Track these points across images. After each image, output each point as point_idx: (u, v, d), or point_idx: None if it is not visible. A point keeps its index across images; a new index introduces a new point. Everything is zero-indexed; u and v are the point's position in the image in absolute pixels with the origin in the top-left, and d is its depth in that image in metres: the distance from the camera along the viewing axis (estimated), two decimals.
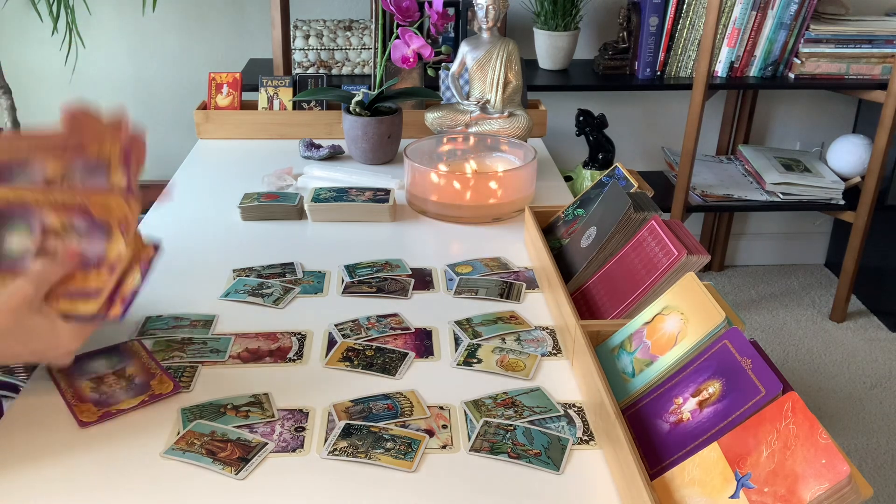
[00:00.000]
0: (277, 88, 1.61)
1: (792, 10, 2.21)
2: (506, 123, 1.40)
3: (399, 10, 1.33)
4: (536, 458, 0.73)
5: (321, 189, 1.27)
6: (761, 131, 2.69)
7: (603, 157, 2.32)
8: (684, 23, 2.26)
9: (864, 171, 2.35)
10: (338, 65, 2.25)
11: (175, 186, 0.76)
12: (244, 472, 0.71)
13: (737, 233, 2.83)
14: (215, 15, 2.41)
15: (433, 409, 0.80)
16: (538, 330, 0.95)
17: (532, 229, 1.10)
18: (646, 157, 2.68)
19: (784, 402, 0.61)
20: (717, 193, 2.37)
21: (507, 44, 1.40)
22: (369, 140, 1.43)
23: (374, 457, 0.73)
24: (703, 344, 0.73)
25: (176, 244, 1.16)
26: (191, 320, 0.95)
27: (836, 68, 2.27)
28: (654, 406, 0.72)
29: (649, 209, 0.95)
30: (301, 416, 0.79)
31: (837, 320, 2.52)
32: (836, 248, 2.81)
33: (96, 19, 2.38)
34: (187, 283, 1.05)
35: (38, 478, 0.70)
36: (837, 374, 2.25)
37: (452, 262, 1.11)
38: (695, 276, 0.79)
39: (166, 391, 0.81)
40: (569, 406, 0.81)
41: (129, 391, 0.81)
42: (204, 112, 1.59)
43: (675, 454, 0.67)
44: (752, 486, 0.59)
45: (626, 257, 0.93)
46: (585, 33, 2.46)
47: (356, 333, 0.93)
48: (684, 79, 2.31)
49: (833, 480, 0.54)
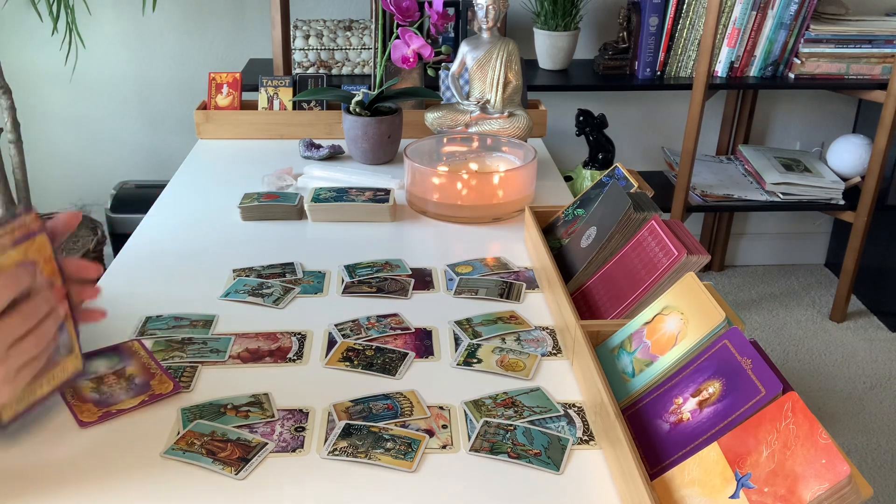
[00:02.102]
0: (277, 88, 1.61)
1: (792, 10, 2.21)
2: (506, 123, 1.40)
3: (399, 10, 1.33)
4: (536, 458, 0.73)
5: (321, 189, 1.27)
6: (761, 131, 2.69)
7: (603, 157, 2.32)
8: (684, 23, 2.26)
9: (864, 171, 2.35)
10: (338, 65, 2.25)
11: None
12: (244, 472, 0.71)
13: (737, 233, 2.83)
14: (215, 15, 2.41)
15: (433, 409, 0.80)
16: (538, 330, 0.95)
17: (532, 229, 1.10)
18: (646, 157, 2.68)
19: (784, 402, 0.61)
20: (717, 193, 2.37)
21: (507, 44, 1.40)
22: (369, 140, 1.43)
23: (374, 457, 0.73)
24: (703, 344, 0.73)
25: (176, 244, 1.16)
26: (191, 320, 0.95)
27: (836, 68, 2.27)
28: (654, 406, 0.72)
29: (649, 209, 0.95)
30: (301, 416, 0.79)
31: (837, 320, 2.52)
32: (836, 248, 2.81)
33: (96, 19, 2.38)
34: (187, 283, 1.05)
35: (39, 478, 0.70)
36: (837, 374, 2.25)
37: (452, 262, 1.11)
38: (695, 276, 0.79)
39: (166, 391, 0.81)
40: (569, 406, 0.81)
41: (130, 391, 0.81)
42: (204, 112, 1.59)
43: (675, 454, 0.67)
44: (752, 486, 0.59)
45: (626, 257, 0.93)
46: (585, 33, 2.46)
47: (356, 333, 0.93)
48: (684, 79, 2.31)
49: (833, 480, 0.54)
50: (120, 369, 0.84)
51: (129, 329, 0.93)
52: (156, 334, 0.92)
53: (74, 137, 2.54)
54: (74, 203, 2.57)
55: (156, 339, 0.91)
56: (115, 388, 0.82)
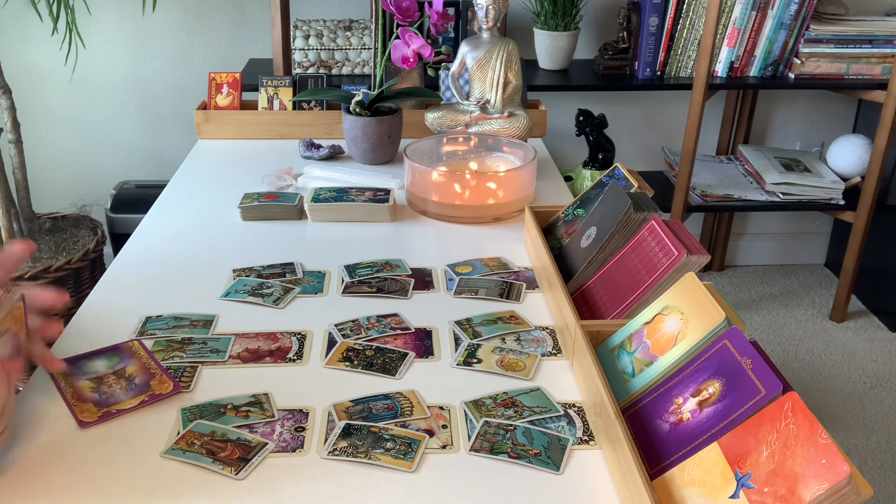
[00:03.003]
0: (277, 88, 1.61)
1: (792, 10, 2.21)
2: (506, 123, 1.40)
3: (399, 10, 1.33)
4: (536, 458, 0.73)
5: (321, 189, 1.27)
6: (761, 131, 2.69)
7: (603, 157, 2.32)
8: (684, 23, 2.26)
9: (864, 171, 2.35)
10: (338, 65, 2.25)
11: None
12: (244, 472, 0.71)
13: (737, 233, 2.83)
14: (215, 15, 2.41)
15: (433, 409, 0.80)
16: (538, 330, 0.95)
17: (532, 229, 1.10)
18: (646, 157, 2.68)
19: (784, 402, 0.61)
20: (717, 193, 2.37)
21: (507, 44, 1.40)
22: (369, 140, 1.43)
23: (374, 457, 0.73)
24: (703, 344, 0.73)
25: (176, 244, 1.16)
26: (191, 320, 0.95)
27: (836, 68, 2.27)
28: (654, 406, 0.72)
29: (649, 209, 0.95)
30: (301, 416, 0.79)
31: (837, 320, 2.52)
32: (836, 248, 2.81)
33: (96, 19, 2.38)
34: (187, 283, 1.05)
35: (39, 478, 0.70)
36: (837, 374, 2.25)
37: (452, 262, 1.11)
38: (695, 276, 0.79)
39: (166, 391, 0.81)
40: (569, 406, 0.81)
41: (130, 391, 0.81)
42: (204, 112, 1.59)
43: (675, 454, 0.67)
44: (752, 486, 0.59)
45: (626, 257, 0.93)
46: (585, 33, 2.46)
47: (356, 333, 0.93)
48: (684, 79, 2.31)
49: (833, 480, 0.54)
50: (120, 369, 0.84)
51: (129, 329, 0.93)
52: (156, 334, 0.92)
53: (74, 137, 2.54)
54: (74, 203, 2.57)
55: (156, 339, 0.91)
56: (114, 388, 0.82)
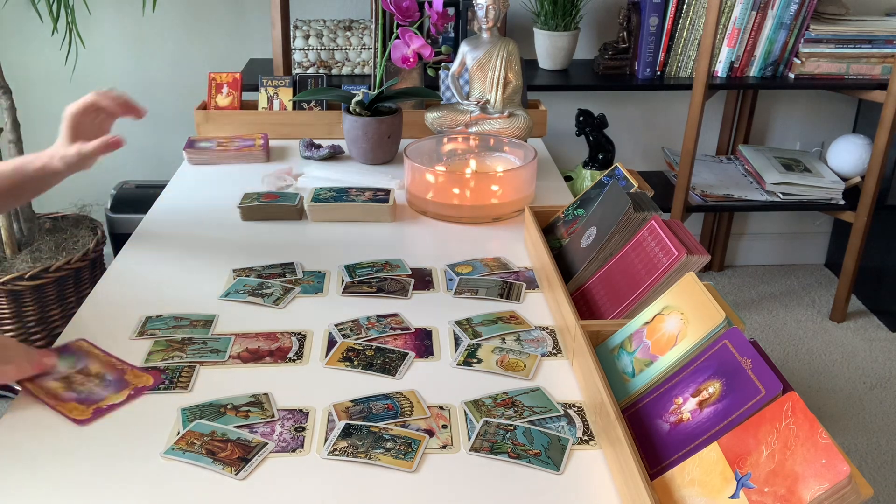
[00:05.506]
0: (277, 88, 1.61)
1: (792, 10, 2.21)
2: (506, 123, 1.40)
3: (399, 10, 1.33)
4: (536, 458, 0.73)
5: (321, 189, 1.27)
6: (761, 131, 2.69)
7: (603, 157, 2.32)
8: (684, 23, 2.26)
9: (864, 171, 2.35)
10: (338, 65, 2.24)
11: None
12: (244, 472, 0.71)
13: (737, 233, 2.83)
14: (215, 15, 2.41)
15: (433, 409, 0.80)
16: (538, 330, 0.95)
17: (532, 229, 1.10)
18: (646, 157, 2.68)
19: (784, 402, 0.61)
20: (717, 193, 2.37)
21: (507, 44, 1.40)
22: (369, 140, 1.43)
23: (374, 457, 0.73)
24: (703, 344, 0.73)
25: (176, 244, 1.16)
26: (191, 320, 0.95)
27: (836, 68, 2.27)
28: (654, 406, 0.72)
29: (649, 209, 0.95)
30: (301, 416, 0.79)
31: (837, 320, 2.52)
32: (836, 248, 2.81)
33: (96, 19, 2.38)
34: (187, 283, 1.05)
35: (39, 478, 0.70)
36: (837, 374, 2.25)
37: (452, 262, 1.11)
38: (695, 276, 0.79)
39: (147, 384, 0.81)
40: (569, 406, 0.81)
41: (108, 388, 0.81)
42: (204, 112, 1.59)
43: (675, 454, 0.67)
44: (752, 486, 0.59)
45: (626, 257, 0.93)
46: (585, 33, 2.46)
47: (356, 333, 0.93)
48: (684, 79, 2.31)
49: (833, 480, 0.54)
50: (83, 368, 0.84)
51: (130, 329, 0.93)
52: (156, 334, 0.92)
53: None
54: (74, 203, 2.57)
55: (156, 339, 0.91)
56: (88, 385, 0.82)
